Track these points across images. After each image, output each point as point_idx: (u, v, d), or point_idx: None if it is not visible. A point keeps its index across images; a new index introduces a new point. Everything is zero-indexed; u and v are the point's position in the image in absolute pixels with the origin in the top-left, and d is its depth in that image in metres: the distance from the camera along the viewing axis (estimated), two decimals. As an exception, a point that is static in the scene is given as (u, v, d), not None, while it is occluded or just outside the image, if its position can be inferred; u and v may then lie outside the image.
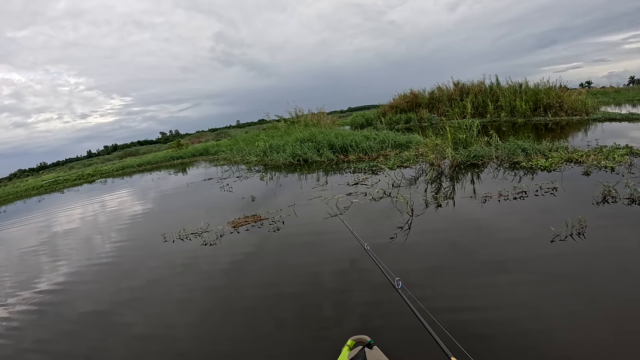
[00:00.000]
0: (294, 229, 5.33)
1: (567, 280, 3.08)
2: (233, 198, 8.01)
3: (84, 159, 78.06)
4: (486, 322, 2.71)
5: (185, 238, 5.71)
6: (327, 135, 12.86)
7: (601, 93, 25.79)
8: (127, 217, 8.37)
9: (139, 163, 26.43)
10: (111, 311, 3.93)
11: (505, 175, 6.43)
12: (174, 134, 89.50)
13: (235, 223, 5.82)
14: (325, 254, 4.33)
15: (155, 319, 3.58)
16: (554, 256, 3.46)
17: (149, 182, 14.90)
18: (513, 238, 3.98)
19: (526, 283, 3.12)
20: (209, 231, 5.74)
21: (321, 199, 6.52)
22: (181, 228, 6.09)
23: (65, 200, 15.15)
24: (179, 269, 4.68)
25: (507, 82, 18.87)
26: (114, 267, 5.29)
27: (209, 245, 5.22)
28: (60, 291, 4.75)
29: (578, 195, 4.93)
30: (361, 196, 6.22)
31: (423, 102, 21.87)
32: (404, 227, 4.63)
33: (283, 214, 5.98)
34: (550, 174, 6.06)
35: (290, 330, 3.00)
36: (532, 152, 7.30)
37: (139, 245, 6.09)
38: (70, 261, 5.93)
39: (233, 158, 16.67)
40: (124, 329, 3.51)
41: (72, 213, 10.78)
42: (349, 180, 7.52)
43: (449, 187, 6.24)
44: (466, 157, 7.69)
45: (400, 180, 6.95)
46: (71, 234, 7.89)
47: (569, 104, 15.33)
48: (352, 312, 3.08)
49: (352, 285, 3.53)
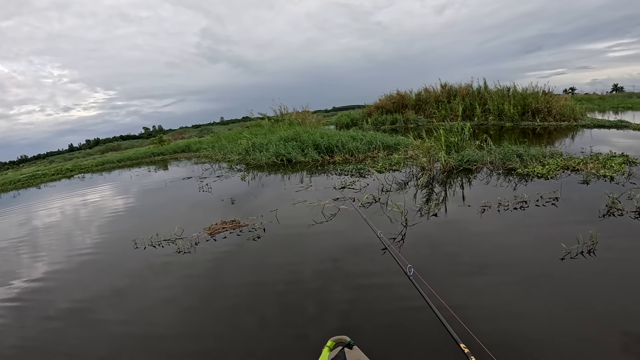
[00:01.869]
0: (276, 237, 4.85)
1: (584, 304, 2.74)
2: (212, 199, 7.50)
3: (66, 152, 76.35)
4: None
5: (158, 245, 5.17)
6: (312, 135, 12.39)
7: (586, 99, 26.02)
8: (97, 219, 7.74)
9: (119, 159, 25.58)
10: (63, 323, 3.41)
11: (501, 182, 6.09)
12: (157, 130, 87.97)
13: (212, 229, 5.30)
14: (311, 269, 3.85)
15: (112, 343, 3.08)
16: (567, 277, 3.10)
17: (127, 180, 14.18)
18: (520, 256, 3.58)
19: (540, 307, 2.73)
20: (184, 238, 5.20)
21: (306, 204, 6.03)
22: (154, 233, 5.53)
23: (40, 196, 14.30)
24: (140, 280, 4.17)
25: (495, 86, 18.76)
26: (74, 275, 4.73)
27: (183, 254, 4.70)
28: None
29: (581, 207, 4.61)
30: (349, 202, 5.75)
31: (409, 103, 21.63)
32: (396, 239, 4.19)
33: (264, 220, 5.47)
34: (548, 182, 5.76)
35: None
36: (527, 158, 6.97)
37: (107, 251, 5.51)
38: (15, 275, 5.21)
39: (214, 156, 16.06)
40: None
41: (42, 213, 10.05)
42: (335, 184, 7.05)
43: (443, 194, 5.84)
44: (459, 161, 7.33)
45: (390, 185, 6.53)
46: (33, 237, 7.23)
47: (557, 110, 15.27)
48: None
49: (341, 307, 3.08)
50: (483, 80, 19.35)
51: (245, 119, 26.57)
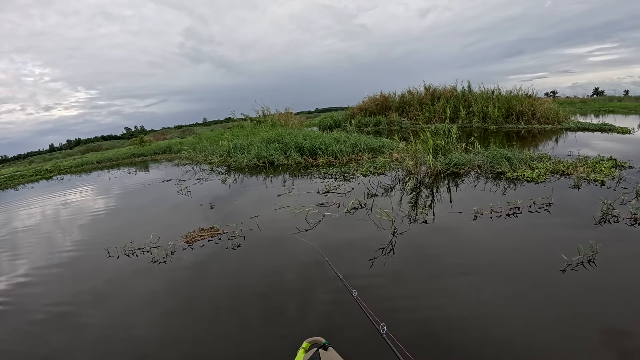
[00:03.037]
0: (256, 247, 4.51)
1: (590, 318, 2.53)
2: (191, 204, 7.12)
3: (46, 152, 74.81)
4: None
5: (132, 254, 4.79)
6: (295, 137, 12.07)
7: (568, 103, 26.33)
8: (70, 225, 7.28)
9: (99, 159, 24.93)
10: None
11: (490, 186, 5.88)
12: (139, 130, 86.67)
13: (190, 237, 4.94)
14: (291, 282, 3.54)
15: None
16: (570, 288, 2.89)
17: (105, 182, 13.63)
18: (518, 267, 3.33)
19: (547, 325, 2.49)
20: (159, 246, 4.83)
21: (288, 210, 5.70)
22: (128, 241, 5.15)
23: (15, 198, 13.70)
24: (111, 294, 3.80)
25: (479, 88, 18.75)
26: (34, 290, 4.31)
27: (158, 264, 4.35)
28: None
29: (575, 213, 4.42)
30: (333, 207, 5.46)
31: (393, 105, 21.52)
32: (386, 249, 3.90)
33: (244, 227, 5.13)
34: (539, 187, 5.58)
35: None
36: (516, 162, 6.79)
37: (76, 261, 5.08)
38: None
39: (195, 157, 15.64)
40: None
41: (15, 216, 9.59)
42: (319, 188, 6.74)
43: (431, 199, 5.59)
44: (446, 165, 7.10)
45: (376, 189, 6.26)
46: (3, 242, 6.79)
47: (542, 113, 15.31)
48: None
49: (326, 325, 2.77)
50: (467, 83, 19.37)
51: (228, 119, 26.21)
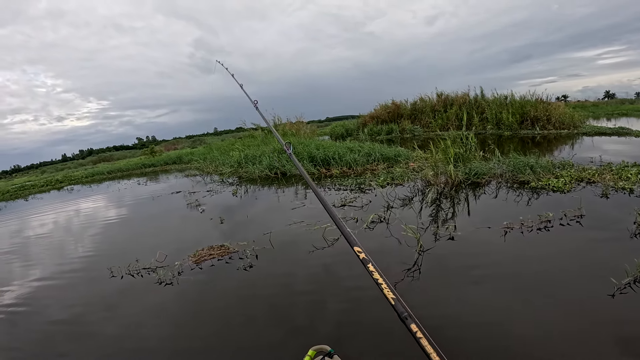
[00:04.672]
0: (270, 267, 4.24)
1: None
2: (200, 218, 6.90)
3: (59, 162, 75.94)
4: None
5: (137, 274, 4.55)
6: (308, 146, 11.83)
7: (580, 107, 25.99)
8: (74, 239, 7.11)
9: (109, 170, 25.09)
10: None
11: (514, 197, 5.57)
12: (151, 140, 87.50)
13: (198, 256, 4.68)
14: (312, 310, 3.26)
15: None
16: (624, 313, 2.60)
17: (114, 193, 13.54)
18: (565, 292, 2.99)
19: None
20: (166, 266, 4.59)
21: (303, 225, 5.42)
22: (134, 259, 4.91)
23: (23, 209, 13.67)
24: (111, 320, 3.53)
25: (492, 94, 18.47)
26: (28, 310, 4.08)
27: (164, 285, 4.10)
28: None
29: (608, 225, 4.12)
30: (351, 222, 5.18)
31: (405, 112, 21.31)
32: (411, 269, 3.60)
33: (256, 245, 4.82)
34: (566, 196, 5.26)
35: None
36: (540, 170, 6.49)
37: (76, 281, 4.85)
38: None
39: (206, 168, 15.52)
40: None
41: (20, 228, 9.45)
42: (334, 201, 6.45)
43: (455, 212, 5.29)
44: (467, 174, 6.81)
45: (394, 201, 5.99)
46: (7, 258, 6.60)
47: (557, 117, 15.00)
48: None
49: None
50: (480, 89, 19.09)
51: (238, 129, 26.20)
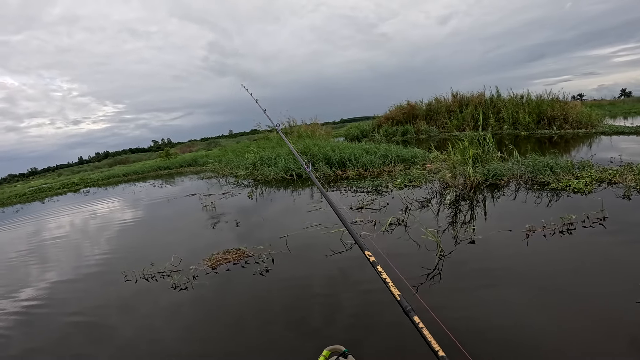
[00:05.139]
0: (287, 271, 4.20)
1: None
2: (215, 220, 6.92)
3: (75, 165, 77.46)
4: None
5: (151, 278, 4.54)
6: (323, 148, 11.81)
7: (596, 105, 25.47)
8: (89, 242, 7.22)
9: (125, 172, 25.44)
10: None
11: (534, 198, 5.48)
12: (166, 143, 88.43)
13: (213, 260, 4.65)
14: (328, 313, 3.22)
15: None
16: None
17: (129, 196, 13.78)
18: (587, 299, 2.91)
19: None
20: (180, 270, 4.56)
21: (320, 228, 5.38)
22: (148, 263, 4.91)
23: (39, 212, 14.01)
24: (124, 326, 3.57)
25: (508, 94, 18.24)
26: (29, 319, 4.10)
27: (179, 290, 4.08)
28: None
29: (632, 228, 4.03)
30: (369, 226, 5.13)
31: (420, 113, 21.18)
32: (431, 273, 3.55)
33: (272, 249, 4.77)
34: (587, 198, 5.15)
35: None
36: (559, 171, 6.37)
37: (87, 286, 4.86)
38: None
39: (221, 170, 15.61)
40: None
41: (35, 231, 9.69)
42: (351, 203, 6.41)
43: (474, 215, 5.21)
44: (485, 176, 6.73)
45: (412, 203, 5.93)
46: (17, 262, 6.70)
47: (574, 117, 14.74)
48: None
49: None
50: (496, 89, 18.86)
51: (253, 131, 26.30)
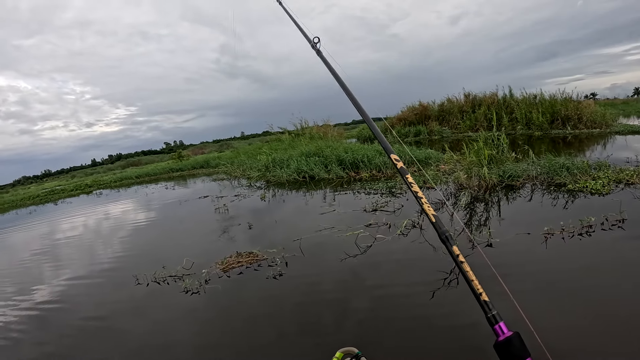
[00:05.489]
0: (301, 275, 4.14)
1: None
2: (228, 223, 6.93)
3: (88, 167, 78.52)
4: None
5: (163, 281, 4.53)
6: (336, 149, 11.80)
7: (609, 105, 25.09)
8: (101, 244, 7.31)
9: (137, 174, 25.81)
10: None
11: (551, 200, 5.40)
12: (178, 145, 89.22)
13: (226, 264, 4.62)
14: (342, 318, 3.16)
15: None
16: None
17: (141, 198, 14.01)
18: (612, 305, 2.84)
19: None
20: (192, 274, 4.54)
21: (334, 231, 5.34)
22: (160, 266, 4.90)
23: (51, 213, 14.42)
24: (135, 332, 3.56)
25: (521, 94, 18.06)
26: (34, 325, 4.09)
27: (190, 294, 4.05)
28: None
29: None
30: (384, 228, 5.10)
31: (432, 114, 21.09)
32: (448, 278, 3.48)
33: (286, 252, 4.72)
34: (604, 199, 5.07)
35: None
36: (576, 171, 6.27)
37: (99, 290, 4.84)
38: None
39: (233, 172, 15.72)
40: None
41: (42, 232, 9.98)
42: (365, 205, 6.38)
43: (490, 217, 5.14)
44: (501, 177, 6.65)
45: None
46: (24, 265, 6.83)
47: (588, 116, 14.53)
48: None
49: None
50: (508, 88, 18.67)
51: (265, 133, 26.39)
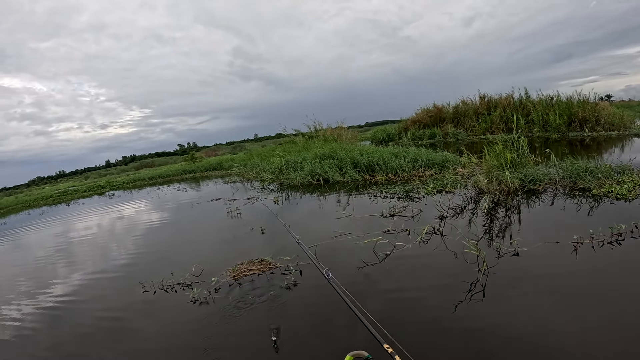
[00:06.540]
0: (316, 285, 3.89)
1: None
2: (240, 227, 6.78)
3: (102, 168, 79.44)
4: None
5: (171, 289, 4.40)
6: (350, 152, 11.70)
7: (625, 106, 24.58)
8: (108, 248, 7.27)
9: (150, 176, 26.00)
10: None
11: (576, 206, 5.23)
12: (192, 146, 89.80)
13: (237, 271, 4.47)
14: (356, 329, 2.88)
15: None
16: None
17: (153, 199, 14.06)
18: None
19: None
20: (202, 282, 4.42)
21: (351, 237, 5.17)
22: (168, 272, 4.81)
23: (64, 214, 14.61)
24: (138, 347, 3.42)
25: (537, 95, 17.75)
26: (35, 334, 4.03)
27: (199, 304, 3.88)
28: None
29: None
30: (403, 235, 4.95)
31: (447, 116, 20.87)
32: (473, 289, 3.32)
33: (300, 260, 4.55)
34: (631, 205, 4.91)
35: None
36: (601, 176, 6.06)
37: (104, 298, 4.69)
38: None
39: (246, 174, 15.70)
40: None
41: (52, 233, 10.16)
42: (382, 210, 6.23)
43: (514, 224, 4.96)
44: (522, 181, 6.49)
45: (447, 210, 5.75)
46: (30, 268, 6.87)
47: (606, 118, 14.20)
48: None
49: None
50: (524, 90, 18.37)
51: (279, 135, 26.47)
